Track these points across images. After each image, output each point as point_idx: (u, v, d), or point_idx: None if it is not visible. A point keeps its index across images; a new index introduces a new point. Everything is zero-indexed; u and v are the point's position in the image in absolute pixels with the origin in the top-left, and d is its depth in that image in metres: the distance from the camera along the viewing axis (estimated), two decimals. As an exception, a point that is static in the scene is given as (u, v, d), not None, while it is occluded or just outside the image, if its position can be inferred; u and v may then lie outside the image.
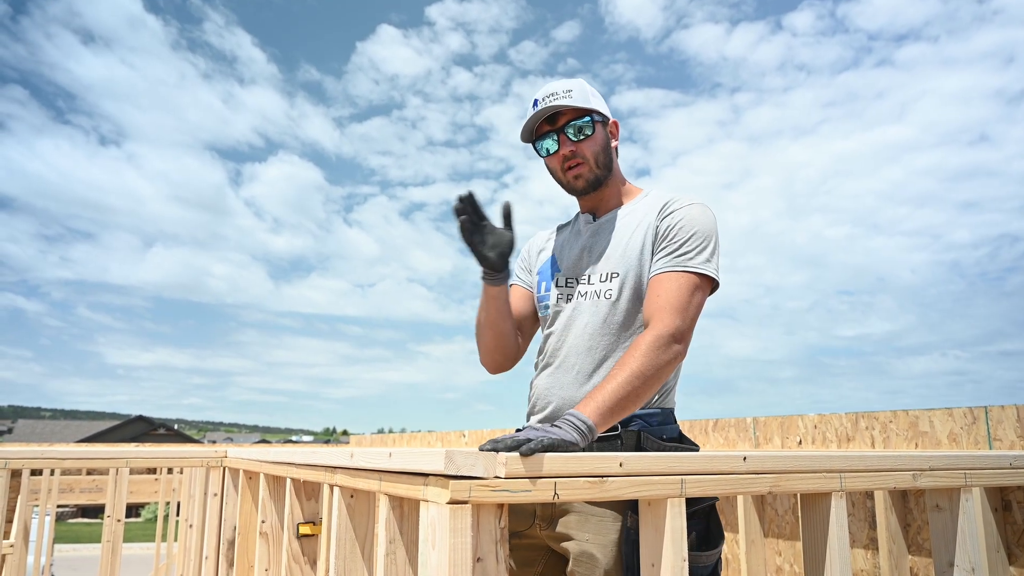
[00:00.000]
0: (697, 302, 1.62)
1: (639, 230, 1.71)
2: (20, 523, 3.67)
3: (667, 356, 1.54)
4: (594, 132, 1.74)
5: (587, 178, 1.76)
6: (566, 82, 1.75)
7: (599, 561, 1.50)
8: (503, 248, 1.70)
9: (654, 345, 1.53)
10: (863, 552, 2.69)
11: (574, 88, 1.74)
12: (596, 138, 1.75)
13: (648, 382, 1.50)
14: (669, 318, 1.57)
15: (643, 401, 1.52)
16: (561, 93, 1.73)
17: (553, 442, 1.23)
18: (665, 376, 1.55)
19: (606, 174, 1.78)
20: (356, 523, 1.70)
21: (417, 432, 7.32)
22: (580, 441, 1.33)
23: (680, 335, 1.57)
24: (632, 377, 1.48)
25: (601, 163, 1.76)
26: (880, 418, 2.80)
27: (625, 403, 1.47)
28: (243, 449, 2.91)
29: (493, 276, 1.74)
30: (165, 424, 47.31)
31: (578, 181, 1.76)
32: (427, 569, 1.16)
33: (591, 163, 1.75)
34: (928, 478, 1.60)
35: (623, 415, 1.48)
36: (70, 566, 15.60)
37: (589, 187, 1.77)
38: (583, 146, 1.74)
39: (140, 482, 7.18)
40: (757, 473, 1.38)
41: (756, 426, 3.33)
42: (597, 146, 1.75)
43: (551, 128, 1.75)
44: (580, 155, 1.74)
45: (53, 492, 5.48)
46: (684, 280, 1.61)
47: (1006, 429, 2.38)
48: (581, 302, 1.73)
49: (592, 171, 1.75)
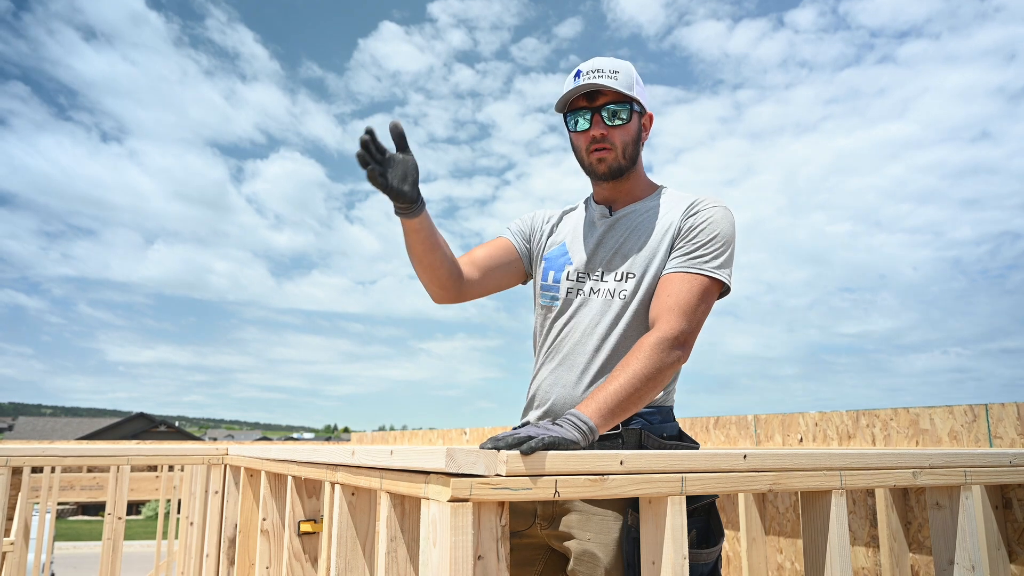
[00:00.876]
0: (705, 307, 1.61)
1: (659, 233, 1.69)
2: (21, 521, 3.67)
3: (669, 359, 1.53)
4: (629, 121, 1.70)
5: (610, 164, 1.71)
6: (615, 62, 1.71)
7: (600, 560, 1.50)
8: (412, 175, 1.55)
9: (657, 347, 1.52)
10: (864, 550, 2.69)
11: (621, 71, 1.69)
12: (630, 127, 1.71)
13: (650, 384, 1.50)
14: (676, 320, 1.56)
15: (645, 402, 1.52)
16: (608, 72, 1.68)
17: (555, 440, 1.23)
18: (667, 379, 1.55)
19: (630, 166, 1.74)
20: (357, 521, 1.70)
21: (418, 430, 7.32)
22: (581, 440, 1.33)
23: (684, 339, 1.56)
24: (634, 379, 1.48)
25: (628, 154, 1.72)
26: (881, 416, 2.80)
27: (627, 404, 1.47)
28: (244, 447, 2.91)
29: (409, 208, 1.59)
30: (166, 421, 47.36)
31: (601, 165, 1.72)
32: (428, 567, 1.16)
33: (619, 151, 1.71)
34: (928, 476, 1.60)
35: (624, 416, 1.48)
36: (71, 564, 15.62)
37: (610, 174, 1.73)
38: (615, 132, 1.70)
39: (141, 479, 7.19)
40: (757, 471, 1.38)
41: (757, 424, 3.33)
42: (628, 136, 1.72)
43: (587, 105, 1.70)
44: (610, 140, 1.70)
45: (54, 489, 5.49)
46: (696, 283, 1.60)
47: (1006, 427, 2.38)
48: (593, 299, 1.70)
49: (617, 159, 1.71)
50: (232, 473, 2.97)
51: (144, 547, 16.74)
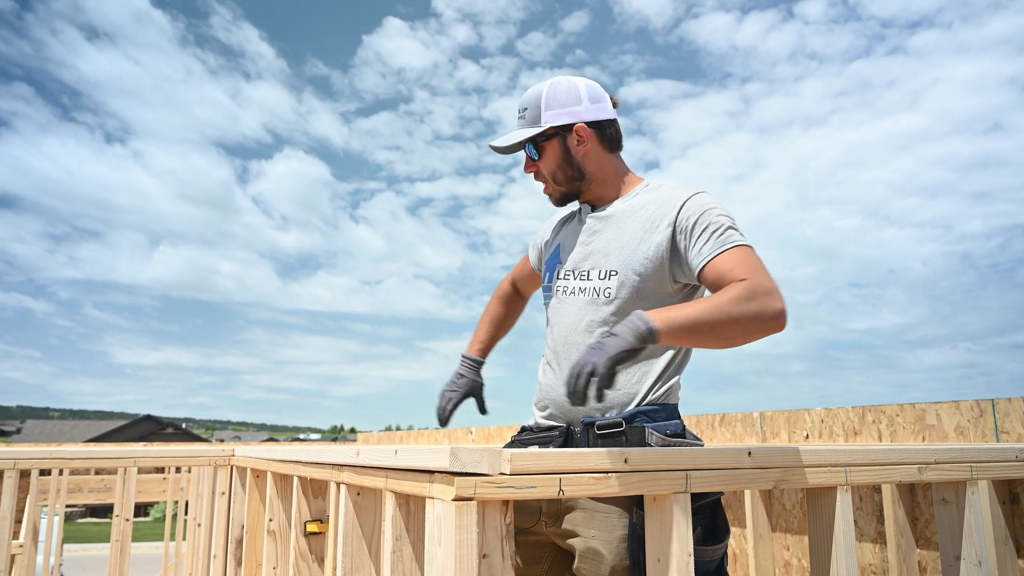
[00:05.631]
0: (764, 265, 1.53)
1: (642, 229, 1.67)
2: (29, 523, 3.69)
3: (770, 309, 1.41)
4: (545, 152, 1.75)
5: (554, 196, 1.80)
6: (526, 97, 1.77)
7: (605, 558, 1.50)
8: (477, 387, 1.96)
9: (754, 292, 1.42)
10: (871, 546, 2.69)
11: (529, 105, 1.75)
12: (549, 156, 1.75)
13: (734, 325, 1.40)
14: (762, 276, 1.47)
15: (718, 342, 1.42)
16: (519, 114, 1.78)
17: (612, 361, 1.29)
18: (758, 330, 1.42)
19: (575, 185, 1.77)
20: (363, 520, 1.71)
21: (424, 429, 7.33)
22: (636, 343, 1.31)
23: (778, 293, 1.45)
24: (718, 312, 1.39)
25: (561, 179, 1.76)
26: (887, 412, 2.79)
27: (700, 328, 1.38)
28: (250, 448, 2.92)
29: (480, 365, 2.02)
30: (173, 423, 47.50)
31: (551, 198, 1.82)
32: (433, 566, 1.16)
33: (550, 182, 1.78)
34: (934, 471, 1.59)
35: (691, 340, 1.41)
36: (79, 566, 15.69)
37: (561, 201, 1.81)
38: (540, 165, 1.77)
39: (148, 481, 7.22)
40: (762, 468, 1.38)
41: (763, 420, 3.33)
42: (552, 164, 1.75)
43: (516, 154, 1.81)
44: (540, 175, 1.79)
45: (62, 492, 5.51)
46: (744, 251, 1.53)
47: (1013, 422, 2.37)
48: (580, 298, 1.71)
49: (555, 188, 1.79)
50: (239, 474, 2.98)
51: (152, 549, 16.80)
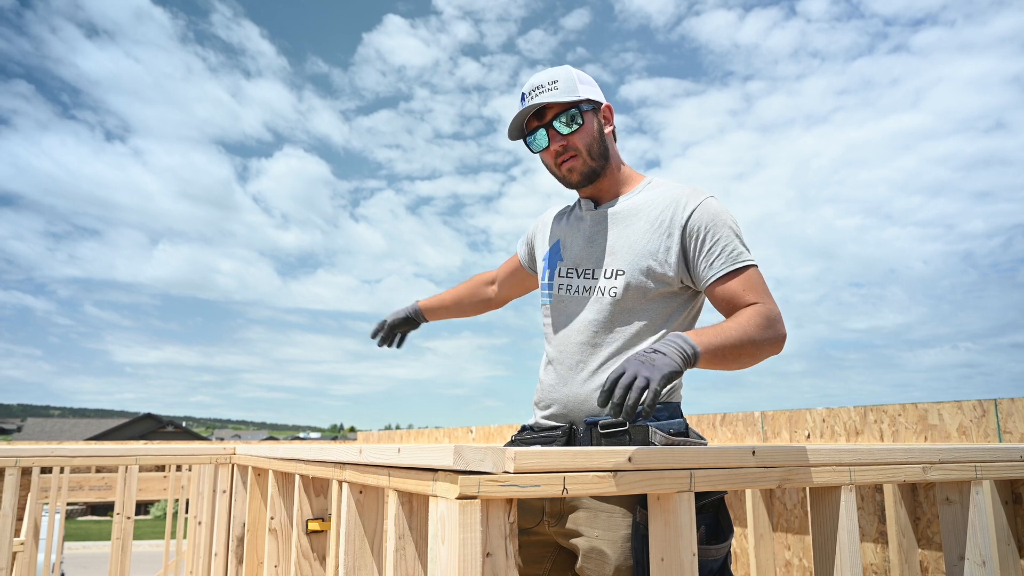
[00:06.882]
0: None
1: (650, 229, 1.66)
2: (30, 521, 3.69)
3: (777, 335, 1.55)
4: (584, 122, 1.69)
5: (581, 171, 1.71)
6: (551, 72, 1.70)
7: (609, 557, 1.50)
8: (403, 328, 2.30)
9: (773, 319, 1.55)
10: (873, 546, 2.68)
11: (560, 78, 1.68)
12: (587, 128, 1.70)
13: (754, 351, 1.51)
14: (771, 301, 1.59)
15: (737, 365, 1.52)
16: (547, 86, 1.68)
17: (664, 378, 1.30)
18: (763, 355, 1.55)
19: (602, 164, 1.73)
20: (365, 519, 1.70)
21: (424, 428, 7.33)
22: (683, 365, 1.36)
23: (782, 318, 1.59)
24: (745, 338, 1.49)
25: (595, 153, 1.71)
26: (889, 411, 2.79)
27: (730, 353, 1.47)
28: (252, 446, 2.92)
29: (419, 324, 2.30)
30: (173, 422, 47.53)
31: (572, 175, 1.71)
32: (437, 564, 1.16)
33: (584, 155, 1.69)
34: (938, 471, 1.59)
35: (718, 364, 1.48)
36: (80, 564, 15.70)
37: (585, 180, 1.72)
38: (574, 138, 1.69)
39: (149, 479, 7.22)
40: (766, 467, 1.38)
41: (764, 420, 3.32)
42: (589, 136, 1.70)
43: (540, 123, 1.70)
44: (572, 147, 1.69)
45: (63, 490, 5.52)
46: (754, 273, 1.62)
47: (1016, 422, 2.37)
48: (585, 297, 1.70)
49: (586, 163, 1.70)
50: (240, 472, 2.98)
51: (153, 547, 16.81)
